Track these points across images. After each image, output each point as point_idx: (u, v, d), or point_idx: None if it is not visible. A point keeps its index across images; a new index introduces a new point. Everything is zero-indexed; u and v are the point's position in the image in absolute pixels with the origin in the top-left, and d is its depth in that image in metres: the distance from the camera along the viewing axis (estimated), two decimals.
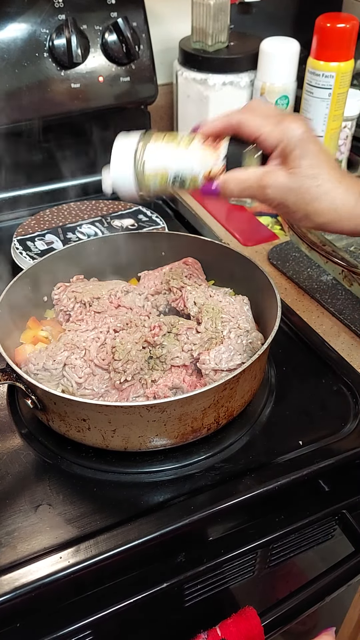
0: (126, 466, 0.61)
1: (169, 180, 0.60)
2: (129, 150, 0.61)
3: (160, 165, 0.60)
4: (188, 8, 1.02)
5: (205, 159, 0.59)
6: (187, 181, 0.60)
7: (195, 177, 0.60)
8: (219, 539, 0.61)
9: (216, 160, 0.58)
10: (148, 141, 0.61)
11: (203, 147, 0.59)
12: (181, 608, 0.63)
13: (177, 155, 0.60)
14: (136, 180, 0.61)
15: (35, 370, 0.62)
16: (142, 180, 0.61)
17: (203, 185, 0.60)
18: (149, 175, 0.60)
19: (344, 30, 0.93)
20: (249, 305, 0.72)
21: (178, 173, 0.60)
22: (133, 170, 0.61)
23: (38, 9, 0.91)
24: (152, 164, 0.60)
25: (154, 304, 0.74)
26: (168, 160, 0.60)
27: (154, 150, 0.60)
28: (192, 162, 0.59)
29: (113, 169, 0.62)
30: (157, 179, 0.60)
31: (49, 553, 0.53)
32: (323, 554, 0.73)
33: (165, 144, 0.60)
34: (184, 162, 0.59)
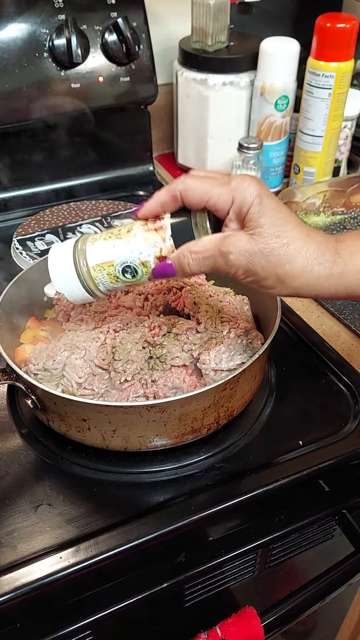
0: (126, 466, 0.61)
1: (118, 272, 0.55)
2: (67, 252, 0.56)
3: (104, 258, 0.55)
4: (188, 8, 1.02)
5: (150, 241, 0.53)
6: (138, 269, 0.54)
7: (147, 263, 0.54)
8: (219, 539, 0.61)
9: (163, 238, 0.53)
10: (86, 240, 0.56)
11: (144, 230, 0.54)
12: (181, 608, 0.64)
13: (119, 245, 0.54)
14: (82, 282, 0.56)
15: (35, 370, 0.62)
16: (88, 279, 0.56)
17: (154, 269, 0.54)
18: (94, 270, 0.55)
19: (344, 30, 0.93)
20: (249, 305, 0.72)
21: (126, 261, 0.54)
22: (74, 270, 0.56)
23: (38, 9, 0.91)
24: (94, 258, 0.55)
25: (154, 304, 0.73)
26: (111, 252, 0.54)
27: (94, 248, 0.55)
28: (137, 248, 0.53)
29: (54, 274, 0.57)
30: (104, 273, 0.55)
31: (49, 553, 0.53)
32: (323, 554, 0.73)
33: (104, 239, 0.55)
34: (128, 249, 0.54)
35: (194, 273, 0.53)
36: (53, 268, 0.57)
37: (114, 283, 0.56)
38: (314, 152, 1.04)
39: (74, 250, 0.56)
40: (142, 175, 1.13)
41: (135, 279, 0.56)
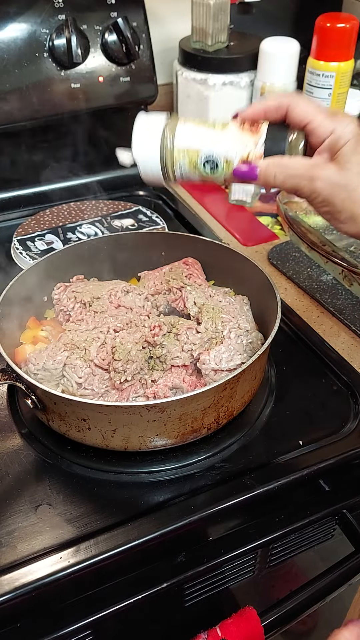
0: (126, 466, 0.61)
1: (200, 162, 0.55)
2: (156, 125, 0.55)
3: (191, 144, 0.54)
4: (188, 8, 1.02)
5: (242, 142, 0.54)
6: (220, 164, 0.55)
7: (230, 161, 0.54)
8: (219, 539, 0.61)
9: (255, 143, 0.54)
10: (176, 120, 0.56)
11: (240, 129, 0.55)
12: (181, 608, 0.63)
13: (210, 135, 0.55)
14: (162, 159, 0.55)
15: (35, 370, 0.62)
16: (169, 159, 0.55)
17: (237, 168, 0.55)
18: (178, 152, 0.55)
19: (344, 30, 0.94)
20: (249, 305, 0.72)
21: (211, 154, 0.54)
22: (159, 146, 0.55)
23: (38, 9, 0.91)
24: (182, 140, 0.55)
25: (154, 304, 0.74)
26: (200, 140, 0.55)
27: (185, 128, 0.55)
28: (227, 144, 0.54)
29: (137, 140, 0.56)
30: (186, 158, 0.55)
31: (49, 553, 0.53)
32: (323, 554, 0.73)
33: (197, 124, 0.55)
34: (218, 142, 0.54)
35: (276, 185, 0.55)
36: (138, 134, 0.56)
37: (191, 171, 0.56)
38: None
39: (165, 125, 0.56)
40: None
41: (212, 173, 0.55)
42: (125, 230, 0.93)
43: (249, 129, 0.55)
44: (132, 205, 0.99)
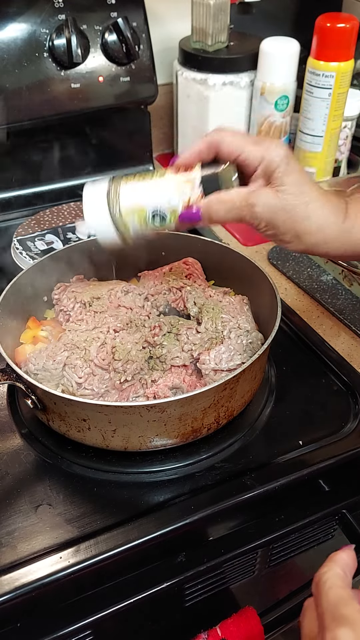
0: (126, 466, 0.61)
1: (148, 218, 0.57)
2: (101, 194, 0.58)
3: (136, 203, 0.57)
4: (188, 8, 1.02)
5: (180, 189, 0.56)
6: (167, 215, 0.57)
7: (175, 209, 0.57)
8: (219, 539, 0.61)
9: (192, 187, 0.56)
10: (119, 183, 0.58)
11: (176, 177, 0.57)
12: (181, 608, 0.63)
13: (151, 190, 0.57)
14: (115, 224, 0.58)
15: (35, 370, 0.62)
16: (120, 222, 0.58)
17: (182, 215, 0.57)
18: (126, 214, 0.57)
19: (344, 30, 0.93)
20: (249, 305, 0.72)
21: (156, 208, 0.57)
22: (108, 213, 0.57)
23: (38, 9, 0.91)
24: (127, 202, 0.57)
25: (154, 304, 0.74)
26: (143, 197, 0.57)
27: (128, 189, 0.58)
28: (168, 194, 0.57)
29: (87, 215, 0.59)
30: (134, 218, 0.57)
31: (49, 553, 0.53)
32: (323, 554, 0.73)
33: (137, 182, 0.58)
34: (159, 195, 0.57)
35: (220, 222, 0.57)
36: (88, 208, 0.58)
37: (143, 228, 0.58)
38: (314, 152, 1.04)
39: (109, 191, 0.58)
40: None
41: (162, 225, 0.58)
42: None
43: (183, 175, 0.57)
44: None
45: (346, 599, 0.40)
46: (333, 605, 0.40)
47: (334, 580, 0.42)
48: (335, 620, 0.39)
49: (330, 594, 0.41)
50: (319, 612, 0.41)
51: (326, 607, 0.40)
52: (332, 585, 0.41)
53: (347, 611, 0.39)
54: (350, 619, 0.38)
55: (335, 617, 0.39)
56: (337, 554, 0.45)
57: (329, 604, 0.40)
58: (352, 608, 0.39)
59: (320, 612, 0.41)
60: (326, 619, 0.40)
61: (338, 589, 0.41)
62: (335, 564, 0.44)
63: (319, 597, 0.41)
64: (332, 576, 0.42)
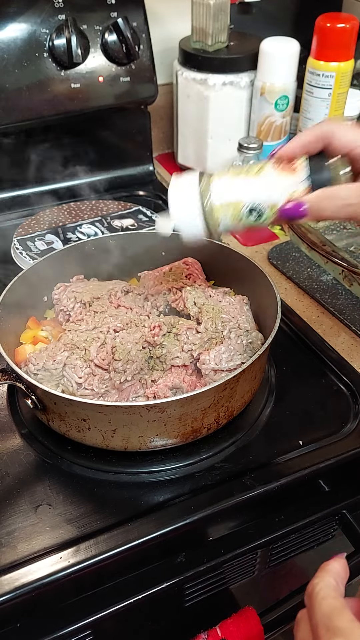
0: (126, 466, 0.61)
1: (244, 213, 0.53)
2: (191, 185, 0.54)
3: (231, 198, 0.53)
4: (188, 8, 1.02)
5: (283, 183, 0.52)
6: (265, 211, 0.53)
7: (275, 204, 0.53)
8: (219, 539, 0.61)
9: (297, 180, 0.52)
10: (210, 176, 0.54)
11: (277, 171, 0.53)
12: (181, 608, 0.63)
13: (248, 184, 0.53)
14: (203, 217, 0.54)
15: (35, 370, 0.62)
16: (211, 216, 0.54)
17: (284, 210, 0.53)
18: (218, 208, 0.53)
19: (344, 30, 0.93)
20: (249, 305, 0.72)
21: (254, 203, 0.52)
22: (199, 205, 0.53)
23: (38, 9, 0.91)
24: (221, 197, 0.53)
25: (154, 304, 0.74)
26: (239, 191, 0.53)
27: (221, 184, 0.53)
28: (268, 188, 0.52)
29: (174, 205, 0.54)
30: (228, 212, 0.53)
31: (49, 553, 0.53)
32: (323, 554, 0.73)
33: (232, 175, 0.54)
34: (259, 190, 0.52)
35: (330, 218, 0.53)
36: (176, 200, 0.54)
37: (235, 224, 0.54)
38: None
39: (200, 184, 0.54)
40: (142, 175, 1.13)
41: (258, 221, 0.54)
42: (125, 230, 0.93)
43: (287, 168, 0.53)
44: (132, 205, 0.99)
45: (339, 609, 0.40)
46: (327, 617, 0.39)
47: (326, 590, 0.41)
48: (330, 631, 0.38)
49: (324, 604, 0.40)
50: (313, 623, 0.40)
51: (320, 619, 0.40)
52: (325, 595, 0.41)
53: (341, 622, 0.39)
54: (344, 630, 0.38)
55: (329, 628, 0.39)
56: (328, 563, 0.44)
57: (323, 615, 0.40)
58: (345, 618, 0.39)
59: (314, 623, 0.40)
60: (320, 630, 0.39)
61: (331, 600, 0.40)
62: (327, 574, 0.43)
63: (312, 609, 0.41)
64: (325, 587, 0.42)
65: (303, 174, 0.52)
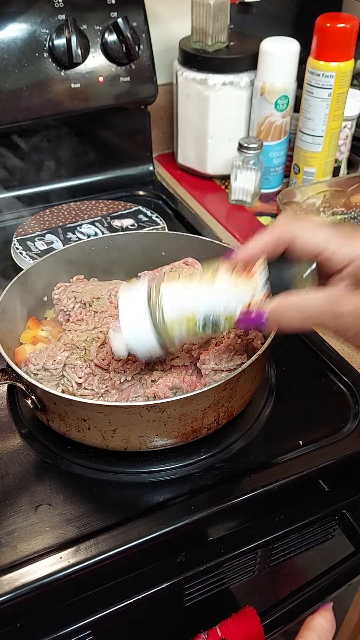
0: (126, 466, 0.61)
1: (199, 327, 0.50)
2: (140, 300, 0.50)
3: (184, 311, 0.49)
4: (188, 8, 1.02)
5: (239, 290, 0.48)
6: (221, 322, 0.49)
7: (232, 315, 0.49)
8: (219, 539, 0.61)
9: (254, 287, 0.48)
10: (160, 286, 0.51)
11: (233, 277, 0.49)
12: (181, 608, 0.63)
13: (202, 294, 0.49)
14: (156, 334, 0.50)
15: (35, 370, 0.62)
16: (165, 332, 0.50)
17: (242, 320, 0.49)
18: (172, 324, 0.50)
19: (344, 30, 0.93)
20: None
21: (209, 313, 0.49)
22: (150, 322, 0.50)
23: (38, 9, 0.91)
24: (173, 309, 0.49)
25: None
26: (192, 303, 0.49)
27: (172, 294, 0.50)
28: (223, 298, 0.48)
29: (125, 325, 0.51)
30: (182, 326, 0.50)
31: (49, 553, 0.53)
32: (323, 554, 0.73)
33: (183, 285, 0.50)
34: (213, 301, 0.49)
35: (293, 330, 0.47)
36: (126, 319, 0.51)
37: (191, 337, 0.52)
38: (314, 152, 1.04)
39: (150, 298, 0.50)
40: (142, 175, 1.13)
41: (214, 332, 0.51)
42: (125, 230, 0.93)
43: (242, 275, 0.49)
44: (132, 205, 0.99)
45: None
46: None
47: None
48: None
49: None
50: None
51: None
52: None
53: None
54: None
55: None
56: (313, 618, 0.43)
57: None
58: None
59: None
60: None
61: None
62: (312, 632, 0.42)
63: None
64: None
65: (261, 280, 0.48)
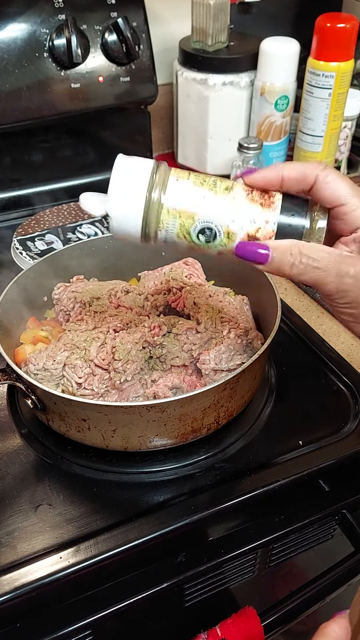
0: (126, 466, 0.61)
1: (194, 229, 0.45)
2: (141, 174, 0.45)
3: (185, 205, 0.45)
4: (188, 8, 1.02)
5: (250, 213, 0.45)
6: (219, 235, 0.45)
7: (234, 234, 0.45)
8: (219, 539, 0.61)
9: (266, 219, 0.45)
10: (168, 172, 0.46)
11: (247, 197, 0.46)
12: (181, 608, 0.63)
13: (211, 198, 0.45)
14: (145, 217, 0.45)
15: (35, 370, 0.62)
16: (156, 217, 0.45)
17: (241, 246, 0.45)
18: (167, 213, 0.45)
19: (344, 30, 0.93)
20: (248, 305, 0.72)
21: (210, 221, 0.45)
22: (144, 202, 0.45)
23: (38, 9, 0.91)
24: (174, 200, 0.45)
25: (154, 304, 0.73)
26: (197, 203, 0.45)
27: (179, 186, 0.45)
28: (232, 213, 0.45)
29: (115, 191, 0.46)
30: (176, 221, 0.45)
31: (49, 553, 0.53)
32: (323, 554, 0.73)
33: (193, 182, 0.46)
34: (220, 209, 0.45)
35: (292, 276, 0.45)
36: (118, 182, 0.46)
37: (179, 237, 0.46)
38: (314, 152, 1.04)
39: (154, 176, 0.45)
40: None
41: (207, 245, 0.46)
42: None
43: (259, 199, 0.45)
44: None
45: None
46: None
47: None
48: None
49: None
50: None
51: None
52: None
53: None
54: None
55: None
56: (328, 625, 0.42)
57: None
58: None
59: None
60: None
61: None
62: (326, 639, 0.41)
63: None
64: None
65: (274, 215, 0.45)
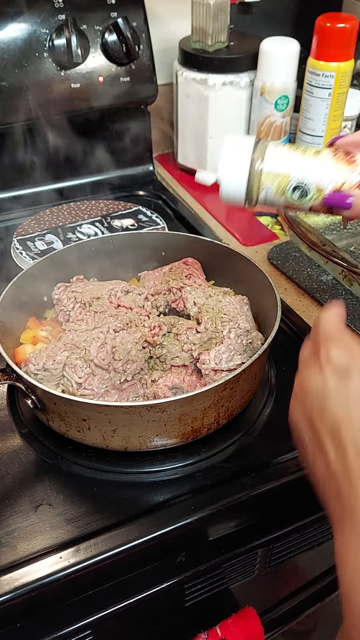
0: (126, 466, 0.61)
1: (289, 187, 0.54)
2: (245, 146, 0.55)
3: (281, 168, 0.54)
4: (188, 8, 1.02)
5: (337, 170, 0.53)
6: (310, 191, 0.54)
7: (323, 189, 0.54)
8: (219, 539, 0.61)
9: (351, 172, 0.53)
10: (266, 143, 0.56)
11: (334, 158, 0.54)
12: (181, 608, 0.64)
13: (302, 161, 0.54)
14: (249, 181, 0.55)
15: (35, 370, 0.62)
16: (256, 182, 0.55)
17: (329, 197, 0.54)
18: (266, 175, 0.54)
19: (344, 30, 0.93)
20: (249, 305, 0.72)
21: (302, 180, 0.54)
22: (248, 168, 0.54)
23: (38, 9, 0.91)
24: (272, 164, 0.54)
25: (154, 304, 0.74)
26: (291, 165, 0.54)
27: (276, 152, 0.55)
28: (320, 171, 0.53)
29: (225, 162, 0.55)
30: (274, 182, 0.54)
31: (49, 553, 0.53)
32: (323, 554, 0.73)
33: (288, 149, 0.55)
34: (310, 169, 0.54)
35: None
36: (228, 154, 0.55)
37: (277, 196, 0.55)
38: None
39: (256, 148, 0.55)
40: (142, 175, 1.13)
41: (300, 200, 0.55)
42: (125, 230, 0.93)
43: (343, 158, 0.54)
44: (132, 205, 0.99)
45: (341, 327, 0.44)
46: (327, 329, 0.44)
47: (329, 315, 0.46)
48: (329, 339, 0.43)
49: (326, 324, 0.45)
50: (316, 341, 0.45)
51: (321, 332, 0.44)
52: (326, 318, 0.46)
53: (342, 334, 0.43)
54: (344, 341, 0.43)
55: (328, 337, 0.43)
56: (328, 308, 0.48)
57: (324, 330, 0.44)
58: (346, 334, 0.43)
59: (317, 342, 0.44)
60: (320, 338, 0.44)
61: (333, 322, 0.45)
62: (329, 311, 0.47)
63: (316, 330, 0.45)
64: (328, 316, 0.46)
65: (357, 169, 0.53)
